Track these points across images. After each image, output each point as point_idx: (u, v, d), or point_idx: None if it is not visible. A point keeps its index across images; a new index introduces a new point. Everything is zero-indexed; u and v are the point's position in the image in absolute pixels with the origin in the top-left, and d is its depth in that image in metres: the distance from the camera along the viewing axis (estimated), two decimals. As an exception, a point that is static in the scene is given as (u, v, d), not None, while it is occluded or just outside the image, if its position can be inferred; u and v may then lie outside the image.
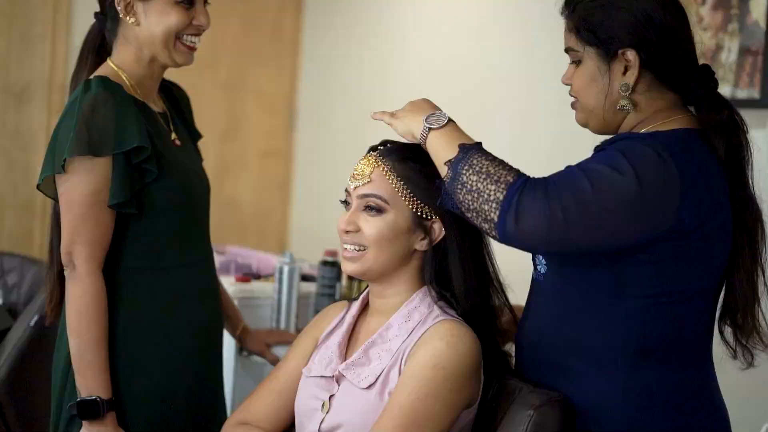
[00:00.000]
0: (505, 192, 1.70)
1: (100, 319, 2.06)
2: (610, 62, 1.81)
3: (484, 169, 1.73)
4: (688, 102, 1.87)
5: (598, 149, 1.83)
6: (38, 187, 2.12)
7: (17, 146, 4.62)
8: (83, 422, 2.06)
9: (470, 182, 1.72)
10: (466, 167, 1.74)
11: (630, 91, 1.81)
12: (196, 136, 2.37)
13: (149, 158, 2.08)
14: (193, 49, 2.18)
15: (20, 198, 4.63)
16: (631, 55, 1.79)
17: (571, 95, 1.88)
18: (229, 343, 2.85)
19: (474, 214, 1.73)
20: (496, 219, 1.70)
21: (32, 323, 2.91)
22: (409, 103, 1.90)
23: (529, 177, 1.73)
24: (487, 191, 1.71)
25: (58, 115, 2.21)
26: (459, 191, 1.74)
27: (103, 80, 2.09)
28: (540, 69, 3.72)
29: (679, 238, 1.75)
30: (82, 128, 2.03)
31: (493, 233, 1.72)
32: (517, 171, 1.74)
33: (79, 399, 2.06)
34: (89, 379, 2.05)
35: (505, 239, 1.72)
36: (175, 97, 2.33)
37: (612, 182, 1.70)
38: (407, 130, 1.86)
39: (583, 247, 1.75)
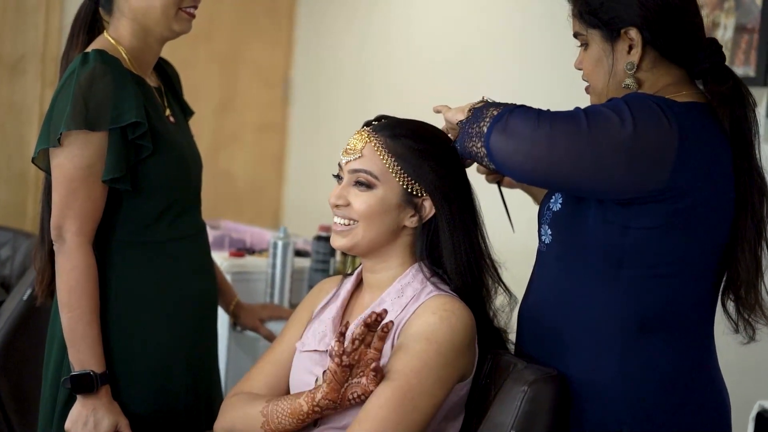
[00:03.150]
0: (500, 110, 1.76)
1: (92, 292, 2.06)
2: (613, 42, 1.82)
3: (496, 103, 1.80)
4: (694, 76, 1.86)
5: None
6: (33, 160, 2.11)
7: (11, 119, 4.59)
8: (77, 396, 2.06)
9: (480, 113, 1.78)
10: (485, 107, 1.80)
11: (635, 70, 1.81)
12: (188, 112, 2.36)
13: (145, 134, 2.07)
14: (192, 16, 2.16)
15: (13, 171, 4.62)
16: (633, 33, 1.80)
17: (584, 80, 1.89)
18: (222, 318, 2.85)
19: (473, 139, 1.78)
20: (485, 131, 1.75)
21: (25, 297, 2.91)
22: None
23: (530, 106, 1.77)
24: (489, 113, 1.77)
25: (52, 87, 2.21)
26: (471, 124, 1.79)
27: (101, 53, 2.07)
28: (540, 48, 3.71)
29: (673, 202, 1.74)
30: (79, 102, 2.01)
31: (483, 150, 1.77)
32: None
33: (72, 373, 2.06)
34: (82, 353, 2.05)
35: (490, 154, 1.76)
36: (167, 74, 2.32)
37: (609, 124, 1.71)
38: (453, 115, 1.88)
39: (570, 182, 1.76)
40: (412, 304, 1.84)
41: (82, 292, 2.04)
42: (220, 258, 3.00)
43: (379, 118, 1.93)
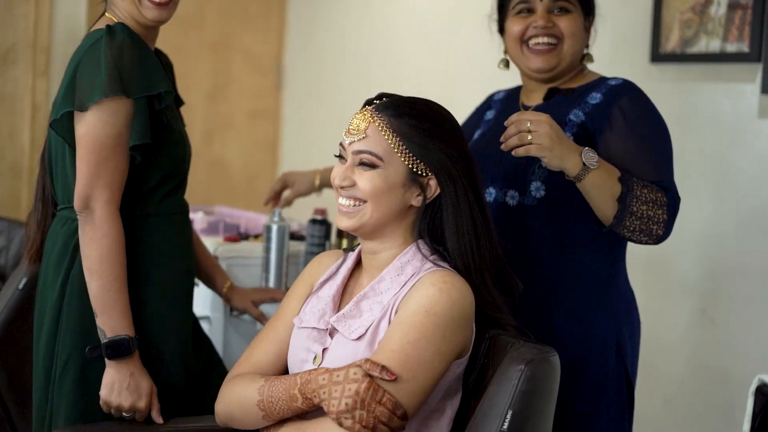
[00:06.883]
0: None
1: (121, 259, 2.07)
2: (585, 21, 2.30)
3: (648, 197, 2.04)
4: None
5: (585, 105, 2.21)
6: (51, 124, 2.11)
7: (2, 109, 4.58)
8: (109, 362, 2.07)
9: (640, 211, 2.02)
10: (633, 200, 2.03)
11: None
12: (179, 102, 2.37)
13: (166, 107, 2.10)
14: (155, 4, 2.13)
15: (7, 161, 4.61)
16: (591, 19, 2.33)
17: (553, 37, 2.24)
18: (218, 303, 2.85)
19: (643, 236, 2.05)
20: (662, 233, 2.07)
21: (21, 286, 2.89)
22: (545, 125, 1.97)
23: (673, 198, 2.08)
24: (656, 216, 2.04)
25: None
26: (628, 219, 2.03)
27: (126, 28, 2.09)
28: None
29: None
30: (114, 70, 2.03)
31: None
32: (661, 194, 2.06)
33: (107, 339, 2.06)
34: (114, 318, 2.06)
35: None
36: (161, 63, 2.32)
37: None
38: (559, 165, 1.99)
39: None
40: (411, 281, 1.83)
41: (113, 259, 2.05)
42: (215, 243, 2.99)
43: (380, 96, 1.91)
